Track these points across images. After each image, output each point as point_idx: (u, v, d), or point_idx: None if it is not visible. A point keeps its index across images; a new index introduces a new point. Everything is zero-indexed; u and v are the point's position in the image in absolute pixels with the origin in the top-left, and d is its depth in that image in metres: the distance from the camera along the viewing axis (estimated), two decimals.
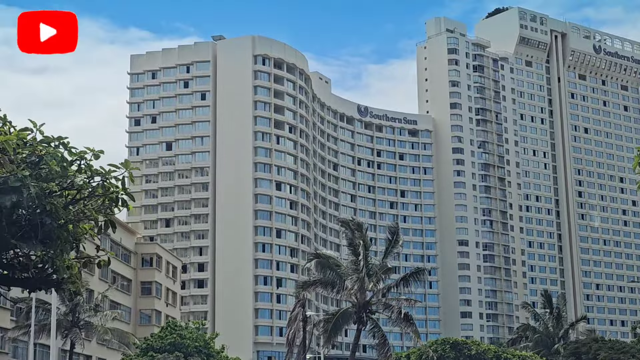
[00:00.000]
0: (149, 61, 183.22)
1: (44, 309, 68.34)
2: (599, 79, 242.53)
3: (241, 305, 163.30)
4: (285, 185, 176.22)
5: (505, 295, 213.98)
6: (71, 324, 68.33)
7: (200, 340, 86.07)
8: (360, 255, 53.53)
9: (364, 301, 53.80)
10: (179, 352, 78.99)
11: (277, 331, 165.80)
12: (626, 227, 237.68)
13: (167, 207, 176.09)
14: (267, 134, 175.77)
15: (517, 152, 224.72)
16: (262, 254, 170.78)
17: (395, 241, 55.47)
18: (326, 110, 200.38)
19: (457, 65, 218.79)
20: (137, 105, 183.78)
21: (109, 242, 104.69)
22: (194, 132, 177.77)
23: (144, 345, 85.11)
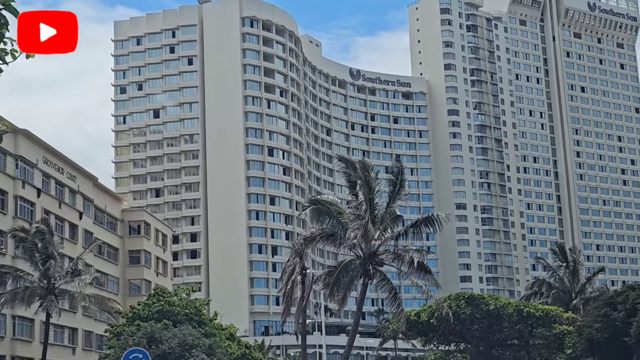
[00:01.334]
0: (132, 27, 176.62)
1: (15, 276, 61.83)
2: (595, 36, 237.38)
3: (236, 275, 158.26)
4: (277, 151, 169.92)
5: (505, 258, 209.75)
6: (46, 292, 61.67)
7: (190, 307, 79.55)
8: (363, 199, 47.00)
9: (370, 252, 47.24)
10: (167, 320, 72.40)
11: (273, 300, 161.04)
12: (625, 186, 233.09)
13: (156, 177, 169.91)
14: (257, 98, 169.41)
15: (514, 113, 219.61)
16: (256, 221, 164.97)
17: (401, 183, 48.74)
18: (317, 74, 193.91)
19: (450, 25, 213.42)
20: (122, 72, 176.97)
21: (92, 209, 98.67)
22: (181, 98, 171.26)
23: (130, 314, 78.68)
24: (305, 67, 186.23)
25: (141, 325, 71.21)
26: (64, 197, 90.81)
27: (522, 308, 56.62)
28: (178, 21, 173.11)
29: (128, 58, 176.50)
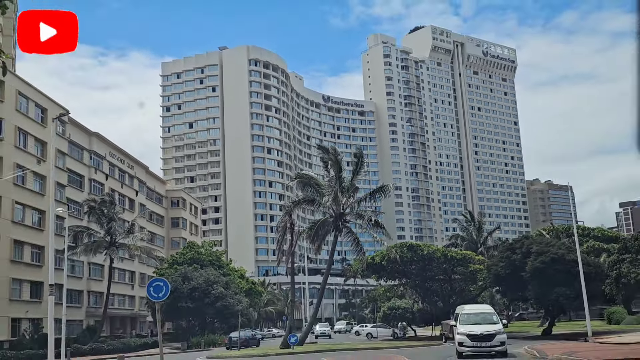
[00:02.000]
0: (174, 66, 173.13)
1: (87, 233, 58.00)
2: (487, 73, 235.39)
3: (245, 235, 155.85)
4: (273, 150, 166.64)
5: (427, 223, 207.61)
6: (109, 244, 57.98)
7: (213, 255, 76.25)
8: (334, 174, 44.01)
9: (339, 212, 44.20)
10: (196, 264, 68.82)
11: (271, 252, 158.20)
12: (507, 174, 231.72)
13: (191, 169, 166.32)
14: (259, 114, 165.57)
15: (433, 125, 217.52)
16: (259, 198, 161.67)
17: (361, 164, 45.76)
18: (300, 98, 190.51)
19: (390, 65, 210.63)
20: (167, 97, 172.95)
21: (145, 189, 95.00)
22: (208, 115, 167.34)
23: (170, 260, 75.40)
24: (292, 94, 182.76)
25: (178, 268, 67.64)
26: (125, 180, 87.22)
27: (447, 253, 53.80)
28: (205, 62, 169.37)
29: (171, 87, 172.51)
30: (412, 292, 64.46)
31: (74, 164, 72.35)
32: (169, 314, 63.73)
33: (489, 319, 28.92)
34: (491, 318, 28.99)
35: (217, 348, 56.72)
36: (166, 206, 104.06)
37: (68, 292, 70.00)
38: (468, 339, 27.58)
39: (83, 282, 72.71)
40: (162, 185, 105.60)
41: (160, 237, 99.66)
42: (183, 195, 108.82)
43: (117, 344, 55.11)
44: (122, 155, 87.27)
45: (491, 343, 27.33)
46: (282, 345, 39.58)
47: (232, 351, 41.27)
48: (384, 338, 58.74)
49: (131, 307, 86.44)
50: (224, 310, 62.09)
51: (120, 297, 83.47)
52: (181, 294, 61.53)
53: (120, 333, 79.21)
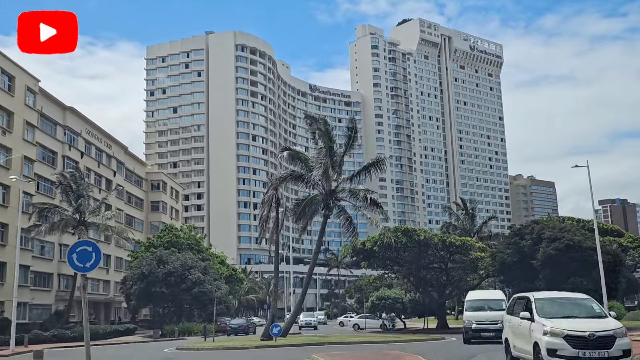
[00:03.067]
0: (159, 49, 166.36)
1: (55, 210, 52.20)
2: (473, 68, 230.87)
3: (228, 222, 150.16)
4: (258, 137, 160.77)
5: (411, 215, 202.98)
6: (77, 222, 52.21)
7: (192, 239, 70.63)
8: (324, 146, 38.62)
9: (330, 189, 38.84)
10: (174, 248, 63.20)
11: (254, 240, 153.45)
12: (491, 169, 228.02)
13: (174, 154, 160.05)
14: (245, 100, 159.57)
15: (419, 117, 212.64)
16: (243, 186, 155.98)
17: (354, 136, 40.43)
18: (287, 87, 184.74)
19: (378, 57, 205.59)
20: (151, 81, 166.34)
21: (124, 170, 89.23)
22: (192, 100, 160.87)
23: (147, 243, 69.65)
24: (278, 82, 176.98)
25: (154, 251, 62.10)
26: (102, 160, 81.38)
27: (445, 239, 48.32)
28: (191, 46, 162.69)
29: (155, 72, 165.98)
30: (403, 282, 59.23)
31: (45, 138, 66.42)
32: (141, 299, 58.19)
33: (589, 308, 16.96)
34: (593, 308, 16.97)
35: (192, 337, 51.28)
36: (146, 189, 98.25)
37: (36, 274, 64.39)
38: (568, 344, 15.16)
39: (53, 265, 66.94)
40: (142, 167, 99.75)
41: (139, 220, 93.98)
42: (164, 178, 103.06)
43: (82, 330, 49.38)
44: (99, 133, 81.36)
45: (610, 352, 15.28)
46: (263, 336, 34.14)
47: (206, 342, 35.82)
48: (372, 330, 53.67)
49: (106, 292, 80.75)
50: (201, 297, 56.58)
51: (94, 281, 77.69)
52: (155, 279, 55.98)
53: (93, 319, 73.43)
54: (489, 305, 28.98)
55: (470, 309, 29.06)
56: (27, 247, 57.60)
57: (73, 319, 67.83)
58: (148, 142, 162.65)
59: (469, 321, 28.22)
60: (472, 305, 29.35)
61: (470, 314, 28.67)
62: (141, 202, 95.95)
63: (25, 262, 57.47)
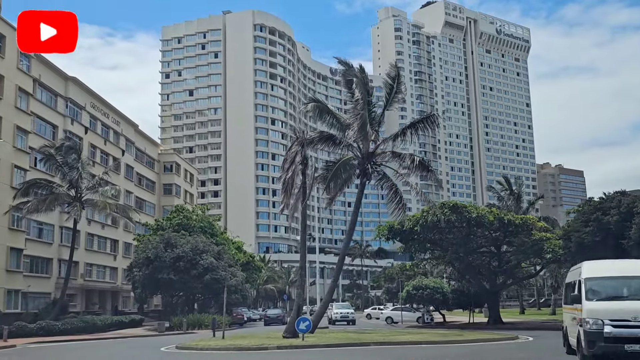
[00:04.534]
0: (175, 30, 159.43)
1: (46, 185, 45.36)
2: (500, 52, 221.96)
3: (246, 209, 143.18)
4: (277, 121, 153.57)
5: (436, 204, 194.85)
6: (72, 199, 45.36)
7: (205, 221, 63.62)
8: (361, 97, 31.33)
9: (368, 152, 31.60)
10: (185, 231, 56.19)
11: (272, 228, 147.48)
12: (518, 157, 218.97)
13: (190, 138, 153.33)
14: (264, 83, 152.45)
15: (443, 103, 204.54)
16: (261, 171, 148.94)
17: (397, 87, 33.02)
18: (307, 70, 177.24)
19: (401, 40, 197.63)
20: (167, 63, 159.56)
21: (133, 149, 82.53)
22: (209, 82, 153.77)
23: (155, 225, 62.78)
24: (298, 64, 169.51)
25: (162, 234, 55.20)
26: (109, 137, 74.55)
27: (503, 216, 40.58)
28: (208, 26, 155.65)
29: (171, 53, 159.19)
30: (446, 269, 51.54)
31: (43, 110, 59.71)
32: (147, 287, 51.34)
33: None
34: None
35: (202, 331, 44.39)
36: (158, 171, 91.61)
37: (33, 260, 57.78)
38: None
39: (53, 249, 60.27)
40: (154, 147, 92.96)
41: (151, 204, 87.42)
42: (177, 159, 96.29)
43: (77, 323, 42.62)
44: (106, 108, 74.58)
45: None
46: (286, 332, 26.70)
47: (214, 338, 28.65)
48: (410, 324, 46.39)
49: (113, 280, 74.12)
50: (214, 285, 49.55)
51: (99, 268, 71.19)
52: (162, 264, 49.09)
53: (97, 309, 66.91)
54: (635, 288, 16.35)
55: (595, 294, 16.14)
56: (19, 228, 50.97)
57: (74, 308, 61.39)
58: (163, 126, 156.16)
59: (594, 319, 15.57)
60: (599, 289, 16.31)
61: (597, 306, 15.88)
62: (153, 184, 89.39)
63: (17, 245, 50.90)
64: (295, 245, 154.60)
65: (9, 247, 49.45)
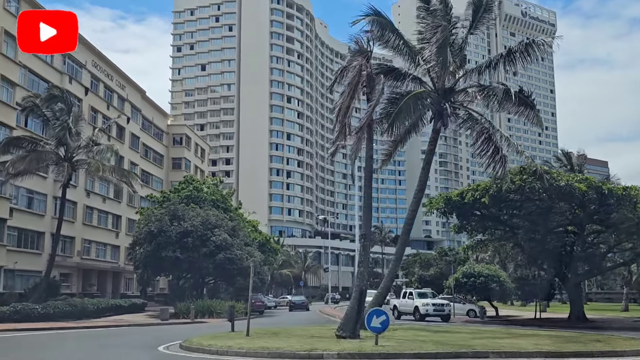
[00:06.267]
0: (188, 1, 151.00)
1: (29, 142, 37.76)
2: (524, 36, 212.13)
3: (259, 190, 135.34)
4: (294, 99, 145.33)
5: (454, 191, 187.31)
6: (60, 159, 37.67)
7: (217, 194, 55.86)
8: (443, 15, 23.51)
9: (444, 87, 23.74)
10: (194, 204, 48.40)
11: (286, 211, 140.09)
12: (540, 145, 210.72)
13: (202, 115, 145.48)
14: (280, 58, 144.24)
15: None
16: (275, 151, 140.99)
17: (487, 5, 25.07)
18: (325, 47, 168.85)
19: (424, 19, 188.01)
20: (179, 36, 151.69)
21: (140, 118, 74.91)
22: (223, 56, 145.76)
23: (160, 197, 55.08)
24: (316, 41, 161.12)
25: (168, 206, 47.46)
26: (113, 101, 66.86)
27: (601, 185, 32.28)
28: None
29: (183, 25, 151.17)
30: (511, 252, 43.05)
31: (37, 64, 52.11)
32: (149, 266, 43.64)
33: None
34: None
35: (214, 320, 36.80)
36: (166, 143, 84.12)
37: (21, 232, 50.37)
38: None
39: (45, 222, 52.82)
40: (163, 118, 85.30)
41: (158, 178, 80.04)
42: (187, 132, 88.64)
43: (63, 306, 35.03)
44: (110, 69, 66.92)
45: None
46: (342, 330, 18.43)
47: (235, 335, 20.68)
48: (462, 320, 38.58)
49: (114, 260, 66.80)
50: (228, 265, 41.87)
51: (99, 245, 63.89)
52: (168, 239, 41.44)
53: (95, 291, 59.49)
54: None
55: None
56: (1, 195, 43.40)
57: (68, 290, 54.00)
58: (173, 102, 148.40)
59: None
60: None
61: None
62: (161, 158, 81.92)
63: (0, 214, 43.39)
64: (310, 230, 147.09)
65: None
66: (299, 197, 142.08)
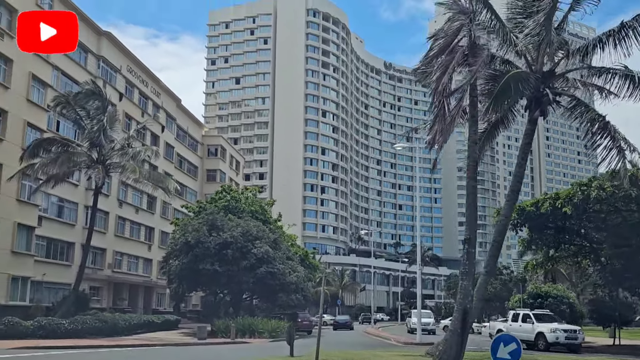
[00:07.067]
0: (223, 14, 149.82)
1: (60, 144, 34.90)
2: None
3: (292, 206, 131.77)
4: (329, 114, 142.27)
5: (491, 210, 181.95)
6: (93, 161, 34.71)
7: (256, 205, 52.59)
8: None
9: (541, 69, 20.14)
10: (232, 215, 45.13)
11: (320, 228, 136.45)
12: (580, 164, 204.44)
13: (235, 129, 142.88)
14: (315, 71, 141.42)
15: None
16: (310, 166, 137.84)
17: None
18: (360, 62, 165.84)
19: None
20: (213, 49, 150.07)
21: (175, 127, 72.41)
22: (257, 69, 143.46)
23: (196, 208, 51.99)
24: (352, 55, 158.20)
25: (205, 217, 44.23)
26: (147, 108, 64.32)
27: None
28: (257, 10, 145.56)
29: (218, 38, 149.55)
30: (595, 271, 38.01)
31: (70, 66, 49.73)
32: (185, 280, 40.33)
33: None
34: None
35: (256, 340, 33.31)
36: (201, 155, 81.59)
37: (50, 242, 47.65)
38: None
39: (76, 232, 50.03)
40: (198, 128, 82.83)
41: (192, 191, 77.36)
42: (223, 143, 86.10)
43: (92, 322, 31.87)
44: (145, 75, 64.58)
45: None
46: (441, 357, 14.56)
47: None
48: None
49: (146, 274, 63.85)
50: (270, 280, 38.43)
51: (131, 258, 61.00)
52: (206, 251, 38.17)
53: (125, 305, 56.48)
54: None
55: None
56: (30, 201, 40.64)
57: (98, 304, 51.06)
58: (207, 115, 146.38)
59: None
60: None
61: None
62: (195, 169, 79.32)
63: (27, 221, 40.53)
64: (343, 247, 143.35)
65: (17, 222, 39.16)
66: (333, 213, 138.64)
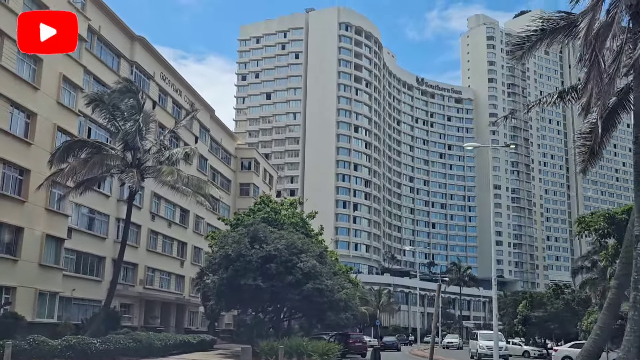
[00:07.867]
0: (254, 29, 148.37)
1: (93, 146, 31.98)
2: None
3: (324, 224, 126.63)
4: (361, 129, 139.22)
5: (528, 229, 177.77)
6: (127, 165, 31.74)
7: (297, 217, 49.43)
8: None
9: None
10: (273, 228, 41.81)
11: (352, 246, 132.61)
12: (618, 182, 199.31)
13: (266, 144, 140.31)
14: (347, 86, 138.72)
15: (538, 120, 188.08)
16: (342, 183, 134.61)
17: None
18: (392, 77, 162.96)
19: (494, 49, 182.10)
20: (244, 64, 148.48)
21: (208, 138, 69.74)
22: (289, 84, 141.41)
23: (234, 220, 48.82)
24: (384, 70, 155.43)
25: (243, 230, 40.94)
26: (181, 118, 61.42)
27: None
28: (289, 25, 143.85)
29: (249, 53, 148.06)
30: None
31: (102, 70, 47.39)
32: (224, 296, 36.94)
33: None
34: None
35: None
36: (234, 168, 78.95)
37: (80, 256, 44.85)
38: None
39: (107, 246, 47.31)
40: (231, 141, 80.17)
41: (225, 205, 74.62)
42: (257, 156, 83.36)
43: (126, 342, 28.68)
44: (178, 83, 62.16)
45: None
46: None
47: None
48: None
49: (179, 291, 60.87)
50: (317, 297, 34.98)
51: (163, 274, 58.11)
52: (247, 265, 34.83)
53: (158, 324, 53.43)
54: None
55: None
56: (59, 211, 37.82)
57: (129, 322, 48.03)
58: (237, 130, 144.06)
59: None
60: None
61: None
62: (228, 183, 76.61)
63: (56, 233, 37.69)
64: (376, 266, 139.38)
65: (45, 234, 36.34)
66: (366, 231, 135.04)
